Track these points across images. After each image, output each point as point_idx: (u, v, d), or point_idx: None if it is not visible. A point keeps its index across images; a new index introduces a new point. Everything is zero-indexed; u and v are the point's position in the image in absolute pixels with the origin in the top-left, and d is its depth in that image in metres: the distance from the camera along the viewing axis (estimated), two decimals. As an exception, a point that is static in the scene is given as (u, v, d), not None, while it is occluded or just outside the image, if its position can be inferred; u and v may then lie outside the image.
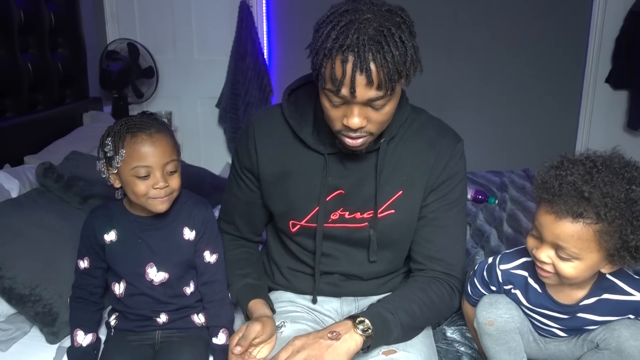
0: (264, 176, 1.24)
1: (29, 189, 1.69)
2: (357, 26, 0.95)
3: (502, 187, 2.41)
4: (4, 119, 2.12)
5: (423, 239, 1.23)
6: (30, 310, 1.35)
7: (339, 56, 0.96)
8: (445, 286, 1.21)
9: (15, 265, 1.35)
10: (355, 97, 0.98)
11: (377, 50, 0.95)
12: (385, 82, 0.97)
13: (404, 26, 0.99)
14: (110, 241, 1.25)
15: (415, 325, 1.18)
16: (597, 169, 0.99)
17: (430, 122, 1.23)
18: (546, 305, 1.14)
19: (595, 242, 0.98)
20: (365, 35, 0.94)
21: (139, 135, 1.17)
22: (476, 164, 3.09)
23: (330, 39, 0.97)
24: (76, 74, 2.64)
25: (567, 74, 3.31)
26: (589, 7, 3.19)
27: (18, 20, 2.18)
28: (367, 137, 1.08)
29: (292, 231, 1.25)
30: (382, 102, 1.01)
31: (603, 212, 0.95)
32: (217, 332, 1.26)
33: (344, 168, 1.19)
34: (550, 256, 1.03)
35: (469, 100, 3.38)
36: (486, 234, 1.93)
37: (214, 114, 3.46)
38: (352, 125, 1.02)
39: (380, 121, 1.06)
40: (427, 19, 3.17)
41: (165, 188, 1.18)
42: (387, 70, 0.96)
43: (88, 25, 2.82)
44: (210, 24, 3.33)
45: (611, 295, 1.09)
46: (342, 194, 1.20)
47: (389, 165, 1.18)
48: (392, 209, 1.20)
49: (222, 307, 1.29)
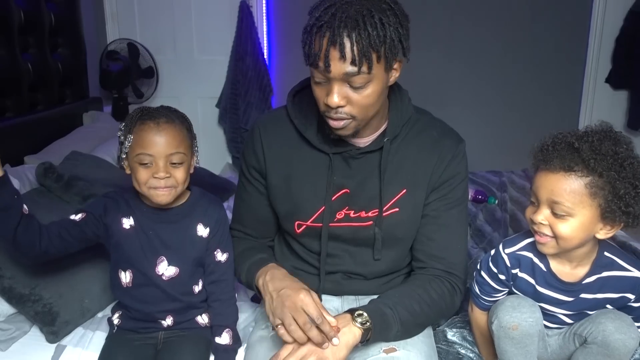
0: (271, 178, 1.26)
1: (29, 189, 1.69)
2: (338, 6, 1.01)
3: (502, 187, 2.41)
4: (4, 119, 2.12)
5: (425, 237, 1.24)
6: (30, 310, 1.35)
7: (318, 32, 1.01)
8: (445, 284, 1.21)
9: (15, 265, 1.35)
10: (330, 71, 1.01)
11: (352, 27, 0.98)
12: (359, 58, 0.99)
13: (390, 12, 1.02)
14: (130, 226, 1.24)
15: (416, 322, 1.18)
16: (588, 132, 1.09)
17: (432, 123, 1.25)
18: (551, 284, 1.17)
19: (587, 196, 1.04)
20: (344, 14, 0.99)
21: (147, 123, 1.18)
22: (476, 164, 3.08)
23: (313, 18, 1.03)
24: (76, 74, 2.64)
25: (567, 74, 3.31)
26: (589, 7, 3.19)
27: (18, 20, 2.18)
28: (350, 121, 1.09)
29: (298, 232, 1.26)
30: (360, 81, 1.03)
31: (593, 163, 1.02)
32: (220, 332, 1.26)
33: (349, 167, 1.20)
34: (546, 217, 1.09)
35: (469, 100, 3.38)
36: (488, 237, 1.93)
37: (214, 114, 3.46)
38: (331, 102, 1.05)
39: (362, 104, 1.06)
40: (427, 19, 3.17)
41: (166, 179, 1.18)
42: (361, 47, 0.99)
43: (88, 25, 2.82)
44: (210, 24, 3.33)
45: (610, 272, 1.14)
46: (347, 193, 1.21)
47: (393, 164, 1.20)
48: (396, 207, 1.21)
49: (228, 307, 1.29)
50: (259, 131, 1.26)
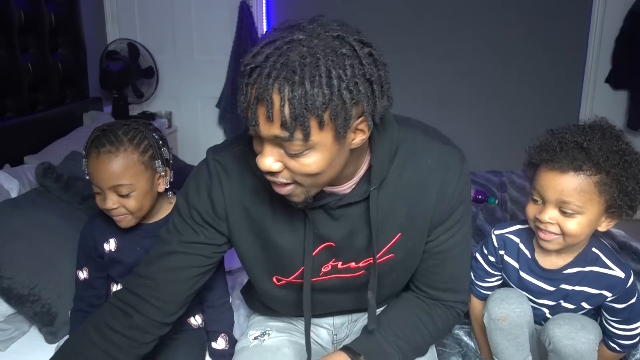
0: (236, 233, 1.02)
1: (28, 189, 1.69)
2: (278, 45, 0.77)
3: (502, 187, 2.41)
4: (4, 119, 2.12)
5: (428, 272, 1.09)
6: (29, 310, 1.35)
7: (246, 78, 0.79)
8: (452, 311, 1.12)
9: (14, 265, 1.35)
10: (258, 131, 0.79)
11: (285, 80, 0.75)
12: (289, 122, 0.76)
13: (351, 60, 0.77)
14: (110, 250, 1.25)
15: (417, 353, 1.09)
16: (587, 130, 1.09)
17: (425, 144, 1.00)
18: (534, 271, 1.19)
19: (596, 194, 1.05)
20: (280, 58, 0.76)
21: (92, 152, 1.14)
22: (476, 164, 3.09)
23: (249, 56, 0.80)
24: (76, 74, 2.64)
25: (567, 74, 3.31)
26: (589, 7, 3.19)
27: (18, 20, 2.18)
28: (294, 187, 0.86)
29: (278, 285, 1.07)
30: (296, 148, 0.79)
31: (602, 162, 1.03)
32: (216, 337, 1.26)
33: (331, 219, 0.99)
34: (554, 216, 1.09)
35: (469, 100, 3.38)
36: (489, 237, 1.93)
37: (214, 114, 3.46)
38: (260, 165, 0.83)
39: (302, 172, 0.83)
40: (427, 18, 3.17)
41: (115, 209, 1.15)
42: (292, 109, 0.75)
43: (88, 25, 2.81)
44: (210, 24, 3.33)
45: (594, 268, 1.15)
46: (332, 246, 1.02)
47: (383, 210, 0.98)
48: (390, 254, 1.03)
49: (222, 313, 1.28)
50: (218, 175, 0.99)
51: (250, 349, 1.17)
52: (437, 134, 1.04)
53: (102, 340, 1.01)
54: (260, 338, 1.18)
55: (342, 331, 1.22)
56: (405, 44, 3.17)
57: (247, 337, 1.21)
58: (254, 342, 1.18)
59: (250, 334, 1.21)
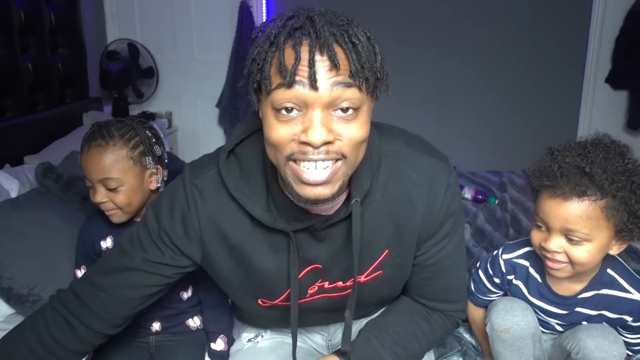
0: (213, 259, 0.98)
1: (28, 189, 1.69)
2: (308, 15, 0.76)
3: (502, 187, 2.41)
4: (4, 119, 2.12)
5: (421, 284, 1.06)
6: (28, 310, 1.34)
7: (289, 42, 0.74)
8: (450, 320, 1.10)
9: (14, 265, 1.35)
10: (316, 86, 0.73)
11: (341, 34, 0.74)
12: (357, 69, 0.74)
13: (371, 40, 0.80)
14: (106, 247, 1.25)
15: (413, 359, 1.08)
16: (589, 149, 1.01)
17: (408, 156, 0.96)
18: (545, 296, 1.13)
19: (604, 219, 0.98)
20: (322, 18, 0.76)
21: (84, 146, 1.18)
22: (476, 164, 3.09)
23: (275, 27, 0.76)
24: (76, 74, 2.64)
25: (567, 74, 3.31)
26: (589, 7, 3.19)
27: (18, 20, 2.18)
28: (337, 166, 0.79)
29: (264, 306, 1.04)
30: (353, 101, 0.76)
31: (607, 185, 0.96)
32: (215, 338, 1.26)
33: (316, 240, 0.95)
34: (560, 245, 1.02)
35: (469, 99, 3.38)
36: (489, 236, 1.93)
37: (214, 114, 3.46)
38: (314, 139, 0.74)
39: (354, 139, 0.78)
40: (427, 18, 3.17)
41: (104, 203, 1.18)
42: (358, 56, 0.75)
43: (88, 25, 2.82)
44: (210, 24, 3.33)
45: (610, 291, 1.09)
46: (319, 268, 0.99)
47: (369, 227, 0.94)
48: (379, 271, 1.00)
49: (220, 314, 1.28)
50: (195, 199, 0.94)
51: (244, 351, 1.18)
52: (421, 144, 0.99)
53: (39, 347, 0.98)
54: (253, 340, 1.19)
55: (336, 337, 1.22)
56: (405, 43, 3.18)
57: (241, 339, 1.22)
58: (247, 345, 1.19)
59: (243, 337, 1.21)
